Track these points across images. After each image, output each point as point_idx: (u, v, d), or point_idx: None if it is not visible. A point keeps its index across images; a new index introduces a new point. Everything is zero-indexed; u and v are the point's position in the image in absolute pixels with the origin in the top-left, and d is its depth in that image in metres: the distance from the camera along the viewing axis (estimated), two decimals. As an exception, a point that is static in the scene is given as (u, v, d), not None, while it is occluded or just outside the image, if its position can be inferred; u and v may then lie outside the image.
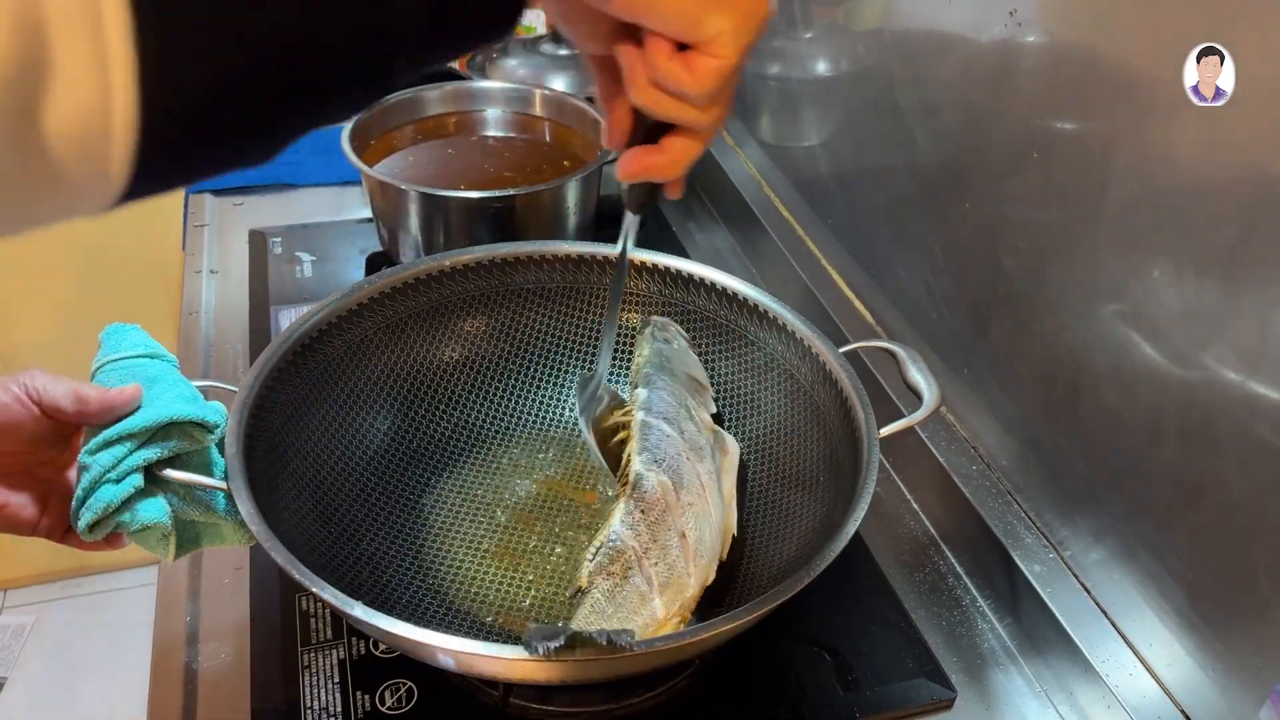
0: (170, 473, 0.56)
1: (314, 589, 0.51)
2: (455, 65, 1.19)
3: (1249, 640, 0.56)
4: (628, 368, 0.78)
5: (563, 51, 1.19)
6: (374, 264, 1.04)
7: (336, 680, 0.64)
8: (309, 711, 0.62)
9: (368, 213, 1.03)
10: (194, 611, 0.70)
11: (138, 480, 0.54)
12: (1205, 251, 0.55)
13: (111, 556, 1.83)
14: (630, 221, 0.56)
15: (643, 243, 0.80)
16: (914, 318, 0.84)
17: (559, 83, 1.15)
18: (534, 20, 1.36)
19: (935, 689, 0.66)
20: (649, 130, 0.47)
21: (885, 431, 0.64)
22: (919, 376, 0.67)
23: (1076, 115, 0.63)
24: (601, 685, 0.63)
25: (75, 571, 1.86)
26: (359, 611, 0.50)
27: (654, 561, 0.60)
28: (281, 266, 1.04)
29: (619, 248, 0.58)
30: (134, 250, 1.57)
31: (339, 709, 0.62)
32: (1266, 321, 0.51)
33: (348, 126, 0.97)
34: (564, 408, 0.81)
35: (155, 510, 0.55)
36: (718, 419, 0.74)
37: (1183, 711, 0.60)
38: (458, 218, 0.92)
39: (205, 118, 0.31)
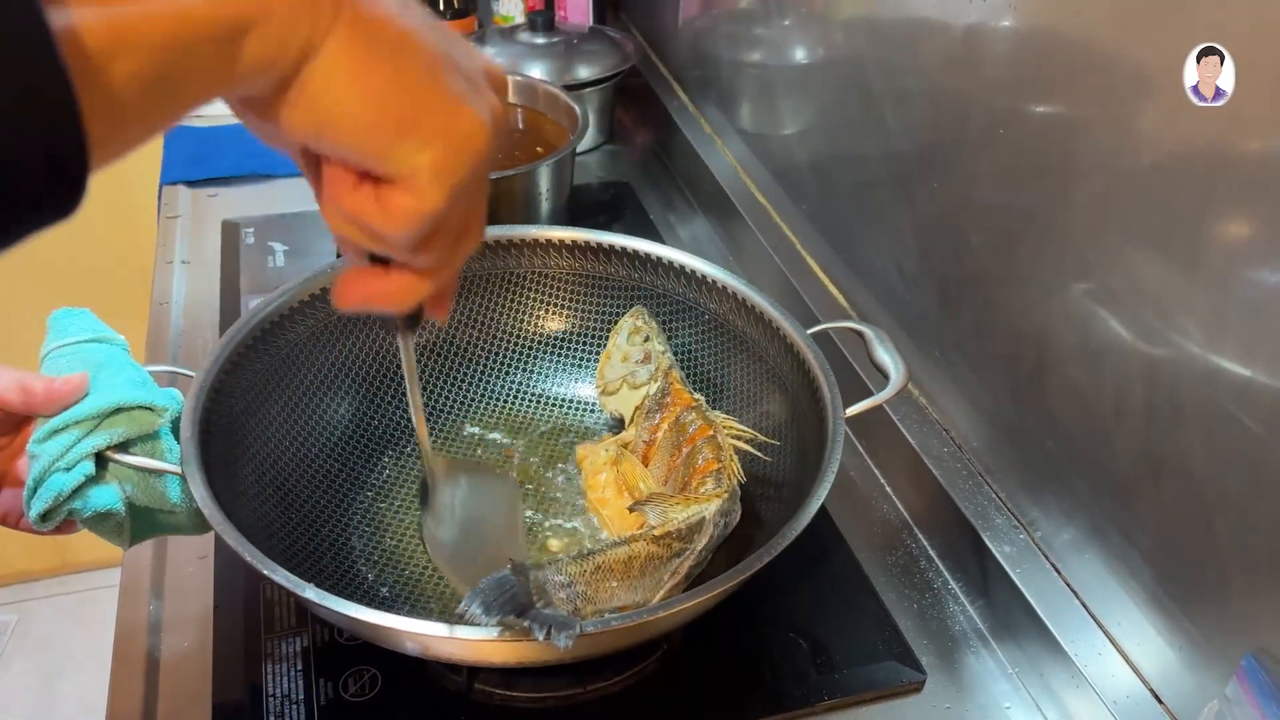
0: (122, 457, 0.55)
1: (265, 571, 0.50)
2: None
3: (1215, 617, 0.56)
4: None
5: (539, 40, 1.19)
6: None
7: (299, 668, 0.63)
8: (270, 699, 0.61)
9: (341, 202, 1.02)
10: (157, 600, 0.69)
11: (88, 468, 0.53)
12: (1168, 227, 0.54)
13: (92, 555, 1.83)
14: (401, 344, 0.46)
15: (619, 230, 0.80)
16: (887, 300, 0.84)
17: (535, 70, 1.14)
18: (512, 9, 1.36)
19: (906, 671, 0.65)
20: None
21: (852, 411, 0.63)
22: (886, 356, 0.67)
23: (1042, 96, 0.62)
24: (568, 668, 0.62)
25: (57, 570, 1.85)
26: (310, 594, 0.50)
27: (695, 563, 0.60)
28: (254, 257, 1.03)
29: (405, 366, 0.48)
30: (106, 241, 1.56)
31: (301, 696, 0.61)
32: (1227, 295, 0.51)
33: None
34: (531, 392, 0.80)
35: (107, 497, 0.54)
36: None
37: (1151, 690, 0.60)
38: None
39: None
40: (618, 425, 0.76)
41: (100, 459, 0.54)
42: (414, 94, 0.32)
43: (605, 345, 0.77)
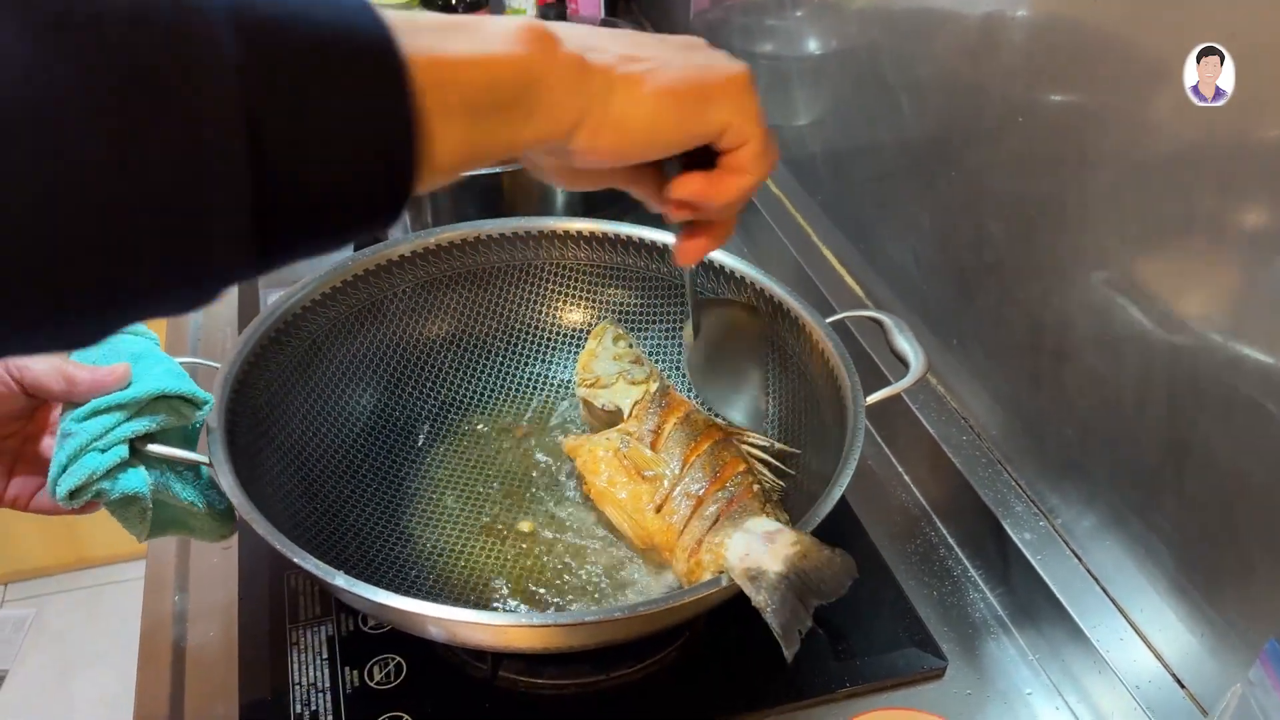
0: (154, 447, 0.55)
1: (295, 559, 0.50)
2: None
3: (1236, 602, 0.56)
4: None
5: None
6: (361, 244, 1.04)
7: (325, 657, 0.64)
8: (297, 688, 0.62)
9: (356, 196, 1.02)
10: (182, 591, 0.70)
11: (123, 451, 0.54)
12: (1187, 214, 0.54)
13: (109, 549, 1.83)
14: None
15: (638, 223, 0.80)
16: (903, 290, 0.84)
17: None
18: (524, 3, 1.36)
19: (927, 658, 0.66)
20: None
21: (873, 399, 0.64)
22: (905, 344, 0.67)
23: (1059, 85, 0.62)
24: (590, 656, 0.63)
25: (74, 565, 1.86)
26: (340, 581, 0.50)
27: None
28: (270, 251, 1.03)
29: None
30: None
31: (327, 684, 0.62)
32: (1249, 281, 0.51)
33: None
34: (550, 383, 0.81)
35: (136, 481, 0.55)
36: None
37: (1174, 675, 0.60)
38: (445, 195, 0.92)
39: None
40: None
41: (131, 447, 0.55)
42: (688, 81, 0.41)
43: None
